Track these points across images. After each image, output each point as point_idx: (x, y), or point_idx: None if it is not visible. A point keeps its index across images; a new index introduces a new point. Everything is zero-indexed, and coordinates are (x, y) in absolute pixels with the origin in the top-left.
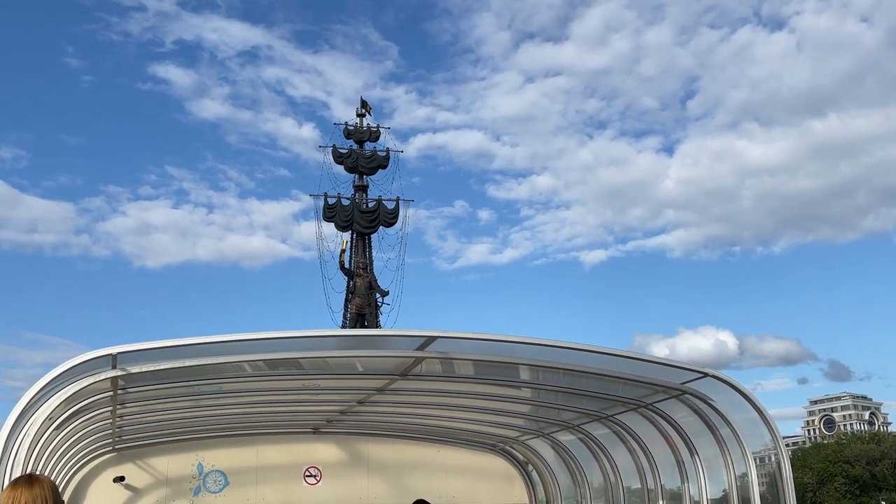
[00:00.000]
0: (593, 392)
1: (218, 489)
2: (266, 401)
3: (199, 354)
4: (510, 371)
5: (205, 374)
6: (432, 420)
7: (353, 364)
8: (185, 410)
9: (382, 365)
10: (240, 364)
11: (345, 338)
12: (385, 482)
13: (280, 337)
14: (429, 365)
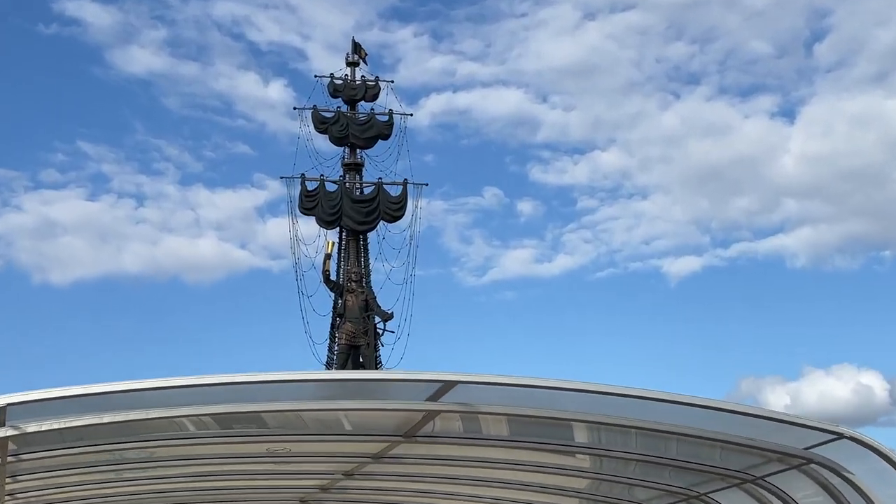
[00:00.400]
0: (680, 461)
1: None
2: (216, 473)
3: (122, 406)
4: (560, 430)
5: (131, 434)
6: (449, 501)
7: (338, 421)
8: (102, 486)
9: (380, 422)
10: (179, 420)
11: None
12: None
13: (236, 382)
14: (445, 422)
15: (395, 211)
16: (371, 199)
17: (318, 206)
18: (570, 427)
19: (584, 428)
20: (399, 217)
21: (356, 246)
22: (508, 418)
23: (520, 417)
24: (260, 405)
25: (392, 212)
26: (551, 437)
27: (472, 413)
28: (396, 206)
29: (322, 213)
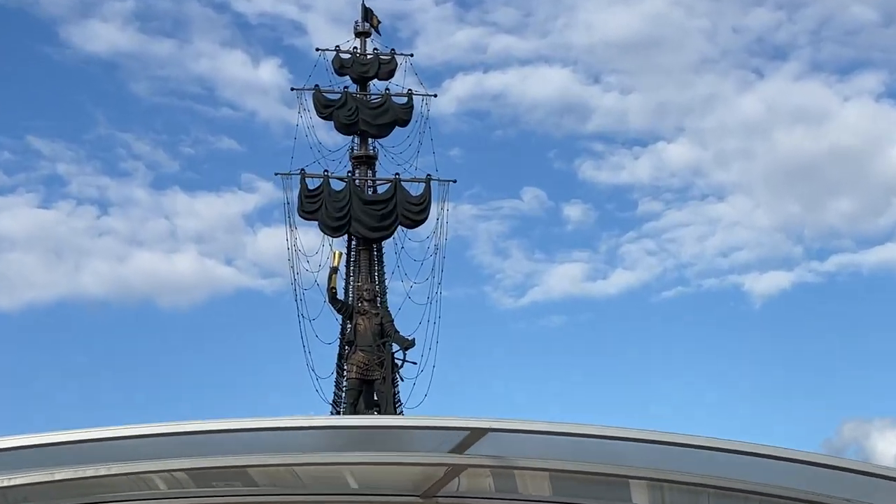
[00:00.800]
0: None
1: None
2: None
3: (76, 460)
4: (615, 489)
5: (87, 493)
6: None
7: (341, 477)
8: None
9: (393, 479)
10: (146, 477)
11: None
12: None
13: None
14: (473, 478)
15: (416, 214)
16: (386, 200)
17: (322, 208)
18: (628, 485)
19: (644, 487)
20: (421, 221)
21: (368, 257)
22: (551, 474)
23: (565, 473)
24: (245, 458)
25: (412, 215)
26: (604, 497)
27: (506, 468)
28: (418, 209)
29: (326, 217)
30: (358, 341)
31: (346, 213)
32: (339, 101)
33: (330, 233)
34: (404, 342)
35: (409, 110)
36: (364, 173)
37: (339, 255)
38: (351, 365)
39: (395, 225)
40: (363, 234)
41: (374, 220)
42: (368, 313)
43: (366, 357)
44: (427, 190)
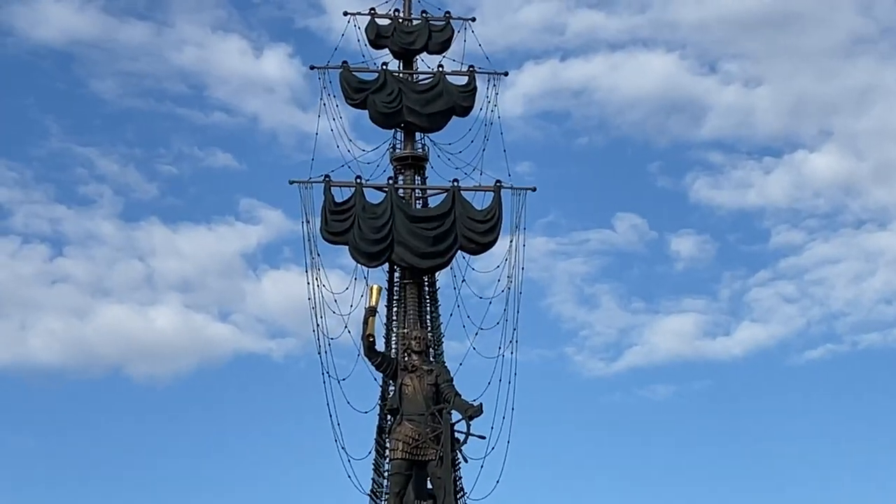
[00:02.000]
0: None
1: None
2: None
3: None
4: None
5: None
6: None
7: None
8: None
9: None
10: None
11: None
12: None
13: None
14: None
15: (483, 235)
16: (441, 216)
17: (354, 228)
18: None
19: None
20: (488, 245)
21: (417, 295)
22: None
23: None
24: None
25: (477, 236)
26: None
27: None
28: (484, 227)
29: (360, 239)
30: (405, 409)
31: (386, 233)
32: (376, 83)
33: (365, 261)
34: (469, 409)
35: (470, 94)
36: (410, 180)
37: (378, 292)
38: (396, 441)
39: (454, 250)
40: (410, 262)
41: (425, 244)
42: (419, 370)
43: (416, 430)
44: (497, 202)
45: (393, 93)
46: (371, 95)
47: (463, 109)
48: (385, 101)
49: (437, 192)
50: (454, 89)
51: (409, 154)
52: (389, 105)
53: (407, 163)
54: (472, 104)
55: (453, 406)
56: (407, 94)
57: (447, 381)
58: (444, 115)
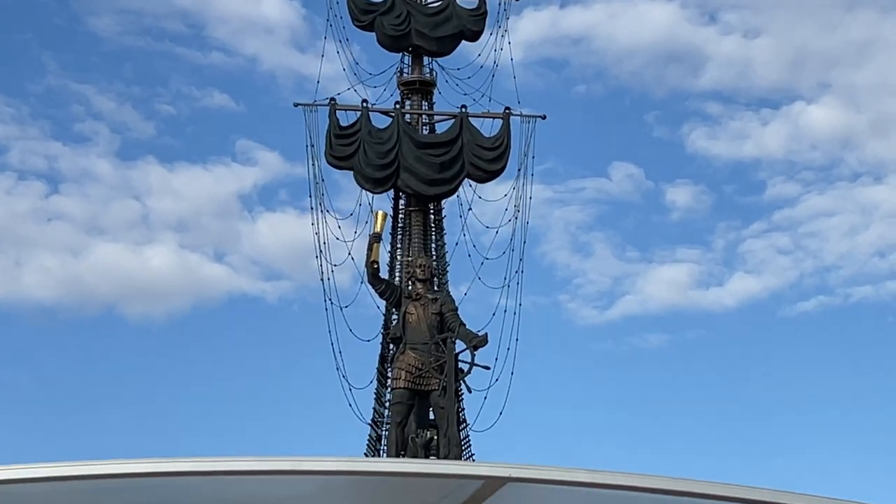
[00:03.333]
0: None
1: None
2: None
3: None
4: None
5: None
6: None
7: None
8: None
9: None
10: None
11: (310, 477)
12: None
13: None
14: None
15: (491, 162)
16: (449, 143)
17: (359, 152)
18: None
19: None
20: (496, 173)
21: (423, 222)
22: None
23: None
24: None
25: (485, 164)
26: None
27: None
28: (492, 155)
29: (365, 164)
30: (408, 337)
31: (392, 159)
32: (384, 5)
33: (370, 186)
34: (474, 339)
35: (480, 18)
36: (418, 105)
37: (384, 218)
38: (398, 370)
39: (461, 177)
40: (416, 189)
41: (432, 171)
42: (423, 298)
43: (419, 359)
44: (506, 129)
45: (401, 15)
46: (379, 17)
47: (472, 34)
48: (393, 23)
49: (445, 117)
50: (464, 13)
51: (417, 79)
52: (397, 28)
53: (414, 88)
54: (482, 28)
55: (458, 335)
56: (415, 17)
57: (452, 310)
58: (453, 39)
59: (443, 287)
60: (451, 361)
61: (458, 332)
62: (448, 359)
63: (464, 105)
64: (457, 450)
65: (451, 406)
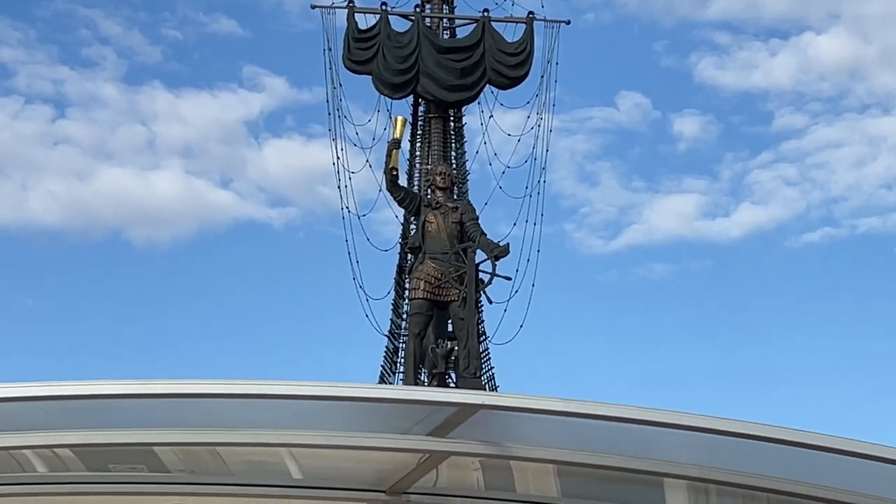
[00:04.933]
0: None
1: None
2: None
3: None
4: (645, 491)
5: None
6: None
7: (282, 464)
8: None
9: (350, 468)
10: (18, 454)
11: (270, 401)
12: None
13: (110, 394)
14: (455, 471)
15: (513, 69)
16: (470, 48)
17: (378, 57)
18: (661, 486)
19: (683, 489)
20: (519, 80)
21: (443, 129)
22: (559, 468)
23: (576, 467)
24: (154, 433)
25: (507, 70)
26: (630, 500)
27: (500, 458)
28: (515, 60)
29: (384, 69)
30: (427, 247)
31: (412, 64)
32: None
33: (389, 92)
34: (495, 249)
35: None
36: (438, 8)
37: (403, 124)
38: (417, 280)
39: (483, 83)
40: (436, 94)
41: (453, 76)
42: (443, 207)
43: (438, 269)
44: (529, 35)
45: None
46: None
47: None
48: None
49: (466, 22)
50: None
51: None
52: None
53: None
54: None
55: (479, 245)
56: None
57: (473, 219)
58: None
59: (463, 195)
60: (472, 271)
61: (479, 241)
62: (468, 268)
63: (486, 9)
64: (476, 362)
65: (470, 317)
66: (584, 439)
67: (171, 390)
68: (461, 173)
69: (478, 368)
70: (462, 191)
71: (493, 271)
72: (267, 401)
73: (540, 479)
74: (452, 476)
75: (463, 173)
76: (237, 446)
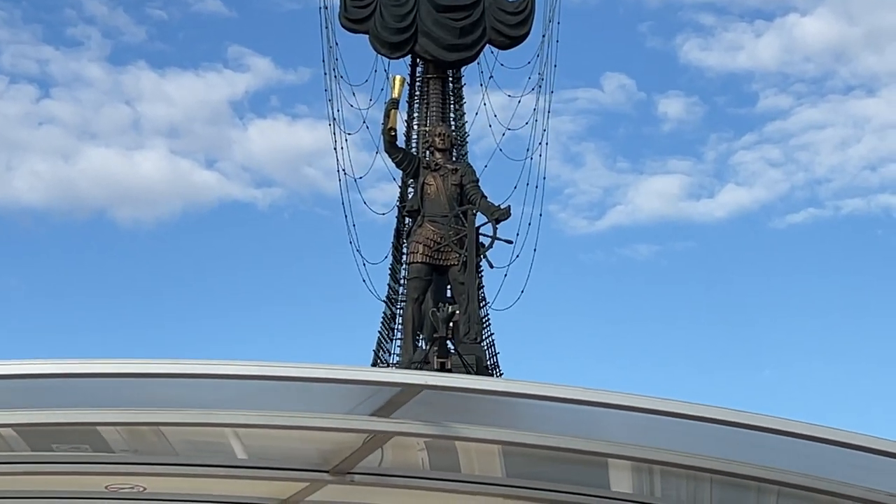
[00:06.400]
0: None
1: None
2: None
3: None
4: (589, 471)
5: None
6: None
7: (226, 444)
8: None
9: (294, 448)
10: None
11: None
12: None
13: (51, 374)
14: (400, 451)
15: (514, 28)
16: (470, 6)
17: (375, 14)
18: (606, 467)
19: (627, 469)
20: (519, 39)
21: (441, 89)
22: (504, 449)
23: (522, 448)
24: (97, 413)
25: (507, 29)
26: (574, 480)
27: (445, 438)
28: (515, 20)
29: (381, 28)
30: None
31: (410, 22)
32: None
33: (386, 51)
34: (496, 212)
35: None
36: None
37: (402, 83)
38: (415, 244)
39: (482, 43)
40: (435, 54)
41: (452, 35)
42: (442, 169)
43: (438, 232)
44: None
45: None
46: None
47: None
48: None
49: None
50: None
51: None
52: None
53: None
54: None
55: (479, 208)
56: None
57: (473, 181)
58: None
59: (462, 157)
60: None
61: (479, 204)
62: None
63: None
64: (477, 327)
65: (471, 282)
66: (527, 420)
67: (114, 370)
68: (460, 135)
69: (478, 334)
70: (461, 153)
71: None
72: (211, 381)
73: (485, 459)
74: (397, 456)
75: (462, 135)
76: (181, 426)
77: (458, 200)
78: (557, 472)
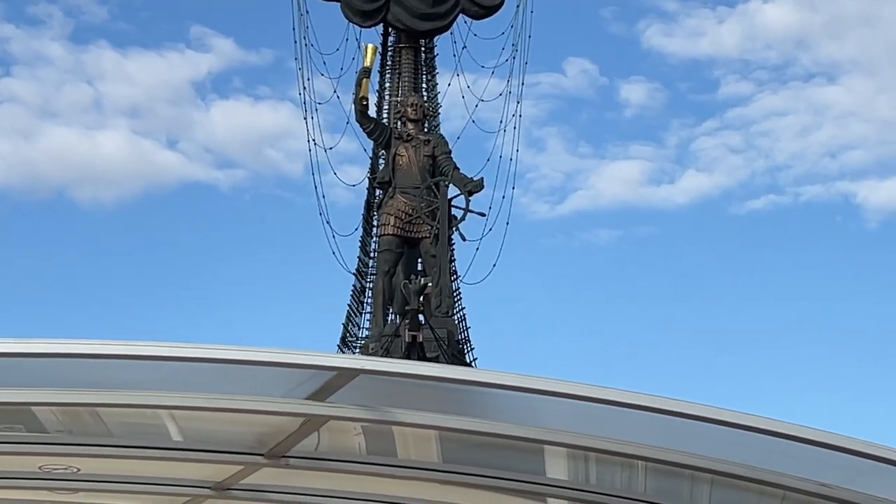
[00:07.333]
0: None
1: None
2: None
3: None
4: (524, 457)
5: None
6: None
7: (161, 426)
8: None
9: (231, 430)
10: None
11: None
12: None
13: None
14: (336, 435)
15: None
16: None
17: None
18: (541, 453)
19: (562, 456)
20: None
21: (414, 59)
22: (440, 435)
23: (459, 434)
24: (32, 393)
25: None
26: (509, 466)
27: (380, 423)
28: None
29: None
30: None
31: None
32: None
33: (358, 20)
34: (469, 184)
35: None
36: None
37: (374, 52)
38: (386, 216)
39: (456, 12)
40: (407, 23)
41: (425, 4)
42: (414, 139)
43: (409, 204)
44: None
45: None
46: None
47: None
48: None
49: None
50: None
51: None
52: None
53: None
54: None
55: (451, 179)
56: None
57: (445, 153)
58: None
59: (434, 128)
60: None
61: (451, 175)
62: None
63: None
64: (449, 300)
65: (443, 254)
66: (463, 405)
67: (49, 349)
68: (433, 106)
69: (450, 307)
70: (434, 123)
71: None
72: (149, 362)
73: (421, 445)
74: (333, 440)
75: (434, 106)
76: (116, 407)
77: (430, 172)
78: (494, 458)
